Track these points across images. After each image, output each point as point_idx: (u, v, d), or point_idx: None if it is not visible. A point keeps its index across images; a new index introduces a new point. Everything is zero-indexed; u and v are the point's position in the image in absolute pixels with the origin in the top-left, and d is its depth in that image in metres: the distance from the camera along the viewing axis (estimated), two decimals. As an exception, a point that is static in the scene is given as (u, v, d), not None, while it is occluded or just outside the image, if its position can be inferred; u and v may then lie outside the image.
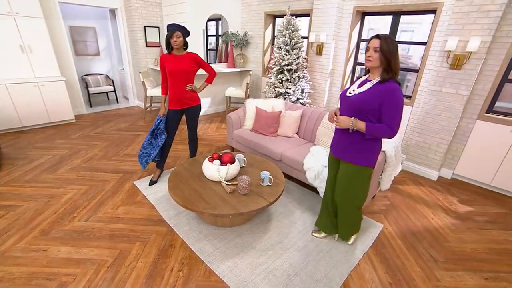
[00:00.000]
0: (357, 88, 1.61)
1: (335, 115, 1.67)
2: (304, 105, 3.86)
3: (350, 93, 1.63)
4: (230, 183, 2.09)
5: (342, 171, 1.79)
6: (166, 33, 2.34)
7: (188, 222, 2.21)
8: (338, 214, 1.97)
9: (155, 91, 4.68)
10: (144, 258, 1.85)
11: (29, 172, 2.90)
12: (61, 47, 4.46)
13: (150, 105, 5.06)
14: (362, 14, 3.71)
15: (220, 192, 2.02)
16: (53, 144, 3.62)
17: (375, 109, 1.51)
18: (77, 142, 3.75)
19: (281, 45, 3.64)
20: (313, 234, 2.14)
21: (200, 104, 2.66)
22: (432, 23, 3.01)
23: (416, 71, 3.34)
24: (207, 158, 2.21)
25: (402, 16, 3.36)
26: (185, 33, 2.36)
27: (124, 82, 5.91)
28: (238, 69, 5.20)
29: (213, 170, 2.10)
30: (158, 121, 2.53)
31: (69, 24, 5.34)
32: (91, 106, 5.54)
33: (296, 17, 3.81)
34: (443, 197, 2.83)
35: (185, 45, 2.42)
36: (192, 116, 2.66)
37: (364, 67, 4.34)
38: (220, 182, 2.12)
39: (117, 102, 5.97)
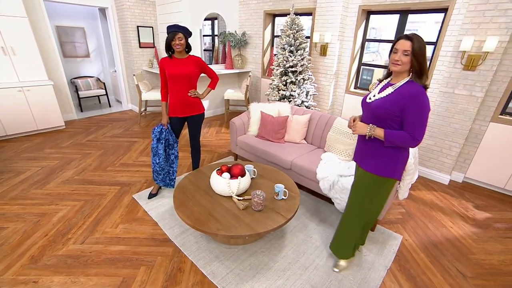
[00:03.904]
0: (378, 93, 1.47)
1: (354, 121, 1.54)
2: (309, 108, 3.71)
3: (370, 99, 1.49)
4: (241, 198, 1.92)
5: (359, 179, 1.62)
6: (167, 35, 2.14)
7: (196, 240, 2.02)
8: (339, 226, 1.80)
9: (150, 95, 4.44)
10: (150, 285, 1.66)
11: (15, 187, 2.64)
12: (47, 48, 4.17)
13: (145, 109, 4.82)
14: (367, 13, 3.58)
15: (231, 209, 1.84)
16: (42, 154, 3.36)
17: (397, 115, 1.36)
18: (68, 151, 3.49)
19: (285, 45, 3.48)
20: (336, 266, 1.86)
21: (204, 113, 2.46)
22: (443, 22, 2.91)
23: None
24: (215, 171, 2.03)
25: (409, 15, 3.25)
26: (187, 34, 2.17)
27: (117, 85, 5.63)
28: (237, 71, 5.01)
29: (223, 184, 1.92)
30: (163, 133, 2.32)
31: (55, 24, 5.03)
32: (82, 111, 5.25)
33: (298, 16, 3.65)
34: (458, 202, 2.74)
35: (188, 47, 2.23)
36: (194, 125, 2.47)
37: (365, 67, 4.21)
38: (231, 197, 1.94)
39: (110, 106, 5.68)
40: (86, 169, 3.04)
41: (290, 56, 3.46)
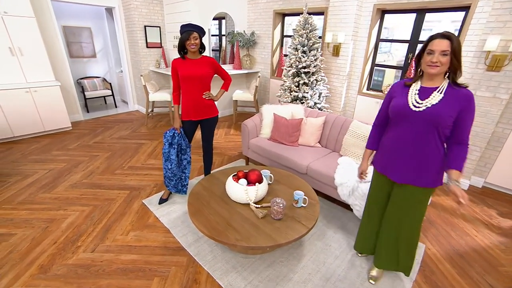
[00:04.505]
0: (421, 99, 1.32)
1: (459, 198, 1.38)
2: (321, 110, 3.61)
3: (416, 106, 1.33)
4: (259, 206, 1.83)
5: (412, 200, 1.50)
6: (180, 34, 2.05)
7: (211, 249, 1.94)
8: (401, 246, 1.63)
9: (158, 95, 4.37)
10: (165, 298, 1.58)
11: (23, 190, 2.57)
12: (54, 49, 4.12)
13: (152, 110, 4.75)
14: (382, 12, 3.47)
15: (249, 217, 1.75)
16: (49, 156, 3.29)
17: (454, 121, 1.28)
18: (76, 153, 3.42)
19: (298, 46, 3.38)
20: (371, 278, 1.76)
21: (218, 115, 2.38)
22: (463, 21, 2.80)
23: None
24: (231, 177, 1.94)
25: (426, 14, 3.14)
26: (202, 34, 2.08)
27: (123, 85, 5.58)
28: (246, 71, 4.92)
29: (240, 191, 1.83)
30: (176, 137, 2.23)
31: (62, 24, 4.98)
32: (88, 112, 5.19)
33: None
34: (480, 209, 2.62)
35: (202, 47, 2.14)
36: (208, 128, 2.39)
37: (376, 68, 4.09)
38: (248, 204, 1.85)
39: (116, 106, 5.63)
40: (94, 172, 2.97)
41: (303, 57, 3.36)
